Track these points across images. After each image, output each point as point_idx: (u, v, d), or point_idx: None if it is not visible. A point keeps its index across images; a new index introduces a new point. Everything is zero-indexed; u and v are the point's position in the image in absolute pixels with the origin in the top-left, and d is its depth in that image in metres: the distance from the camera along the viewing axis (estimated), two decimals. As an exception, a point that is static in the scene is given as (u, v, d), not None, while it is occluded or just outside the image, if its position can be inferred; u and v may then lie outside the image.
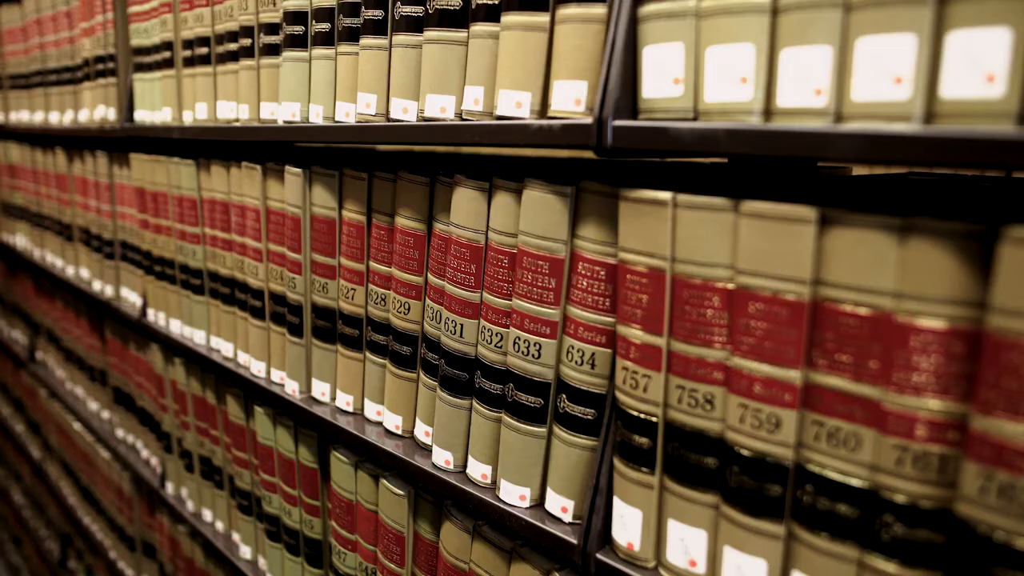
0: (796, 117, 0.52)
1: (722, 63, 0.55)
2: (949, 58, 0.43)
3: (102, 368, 1.80)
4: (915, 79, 0.45)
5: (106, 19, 1.39)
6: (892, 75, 0.46)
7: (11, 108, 2.04)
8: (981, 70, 0.42)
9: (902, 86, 0.46)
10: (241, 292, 1.12)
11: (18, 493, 2.91)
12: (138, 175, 1.35)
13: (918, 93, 0.45)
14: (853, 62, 0.48)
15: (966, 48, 0.43)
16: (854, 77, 0.48)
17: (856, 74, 0.48)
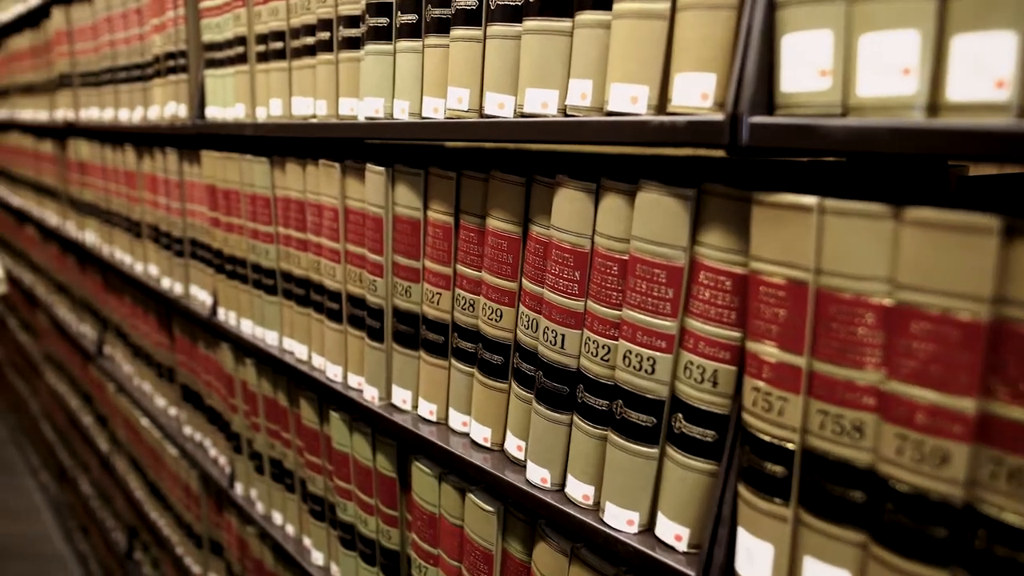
0: (970, 112, 0.46)
1: (879, 52, 0.49)
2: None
3: (170, 365, 1.81)
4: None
5: (177, 15, 1.37)
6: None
7: (81, 106, 2.06)
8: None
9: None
10: (317, 294, 1.09)
11: (86, 483, 2.97)
12: (209, 172, 1.33)
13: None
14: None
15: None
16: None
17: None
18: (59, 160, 2.42)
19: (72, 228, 2.38)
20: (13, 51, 2.87)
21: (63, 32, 2.09)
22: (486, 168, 0.80)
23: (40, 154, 2.68)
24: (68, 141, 2.24)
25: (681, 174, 0.65)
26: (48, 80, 2.39)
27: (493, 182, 0.78)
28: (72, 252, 2.49)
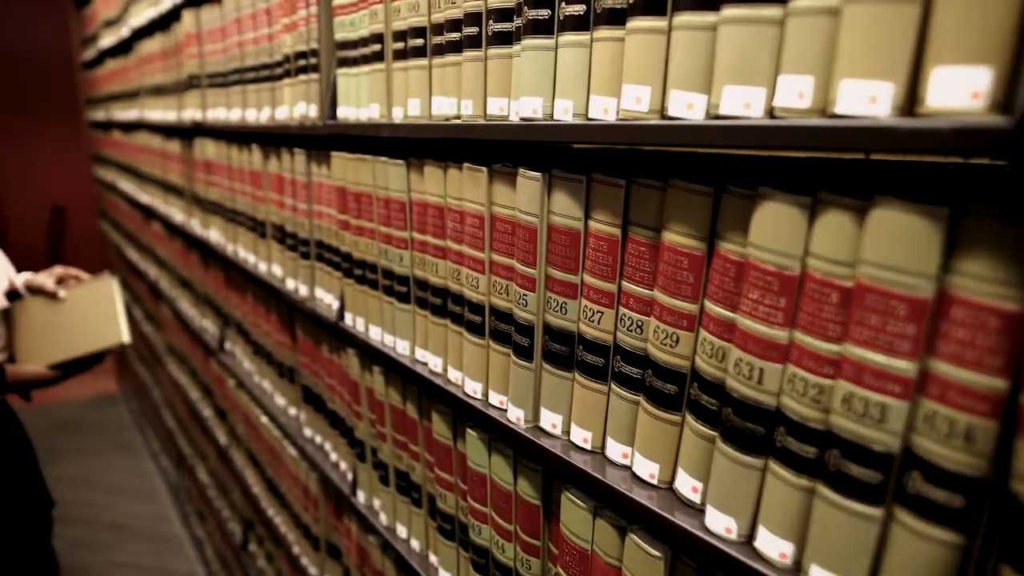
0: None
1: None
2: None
3: (291, 365, 1.80)
4: None
5: (309, 14, 1.34)
6: None
7: (209, 106, 2.09)
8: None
9: None
10: (455, 304, 1.03)
11: (203, 472, 3.06)
12: (339, 174, 1.30)
13: None
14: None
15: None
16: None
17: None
18: (185, 159, 2.48)
19: (196, 226, 2.43)
20: (144, 54, 2.97)
21: (192, 34, 2.12)
22: (662, 175, 0.72)
23: (167, 153, 2.76)
24: (195, 141, 2.28)
25: (921, 185, 0.55)
26: (177, 81, 2.45)
27: (672, 191, 0.70)
28: (196, 249, 2.55)
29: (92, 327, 1.93)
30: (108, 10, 3.86)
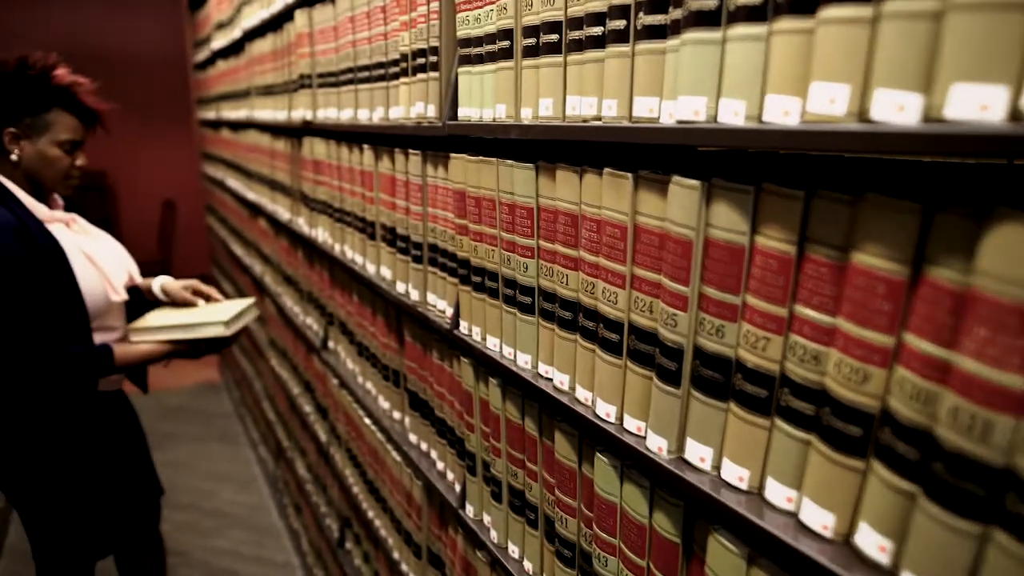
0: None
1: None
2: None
3: (397, 369, 1.77)
4: None
5: (429, 10, 1.30)
6: None
7: (319, 106, 2.09)
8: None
9: None
10: (588, 319, 0.96)
11: (302, 466, 3.10)
12: (459, 177, 1.25)
13: None
14: None
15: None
16: None
17: None
18: (293, 158, 2.50)
19: (303, 224, 2.45)
20: (254, 55, 3.02)
21: (304, 34, 2.13)
22: (852, 186, 0.63)
23: (275, 152, 2.80)
24: (304, 140, 2.29)
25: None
26: (287, 81, 2.47)
27: (868, 207, 0.60)
28: (301, 246, 2.57)
29: (206, 318, 1.98)
30: (220, 13, 3.97)
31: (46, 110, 1.86)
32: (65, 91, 1.87)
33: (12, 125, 1.85)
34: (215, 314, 2.01)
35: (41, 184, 1.92)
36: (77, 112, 1.90)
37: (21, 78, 1.84)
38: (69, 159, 1.91)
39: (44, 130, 1.86)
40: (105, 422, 2.10)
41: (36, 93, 1.85)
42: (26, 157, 1.87)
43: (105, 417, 2.10)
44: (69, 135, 1.89)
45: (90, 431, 2.05)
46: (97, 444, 2.07)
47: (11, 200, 1.86)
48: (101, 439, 2.08)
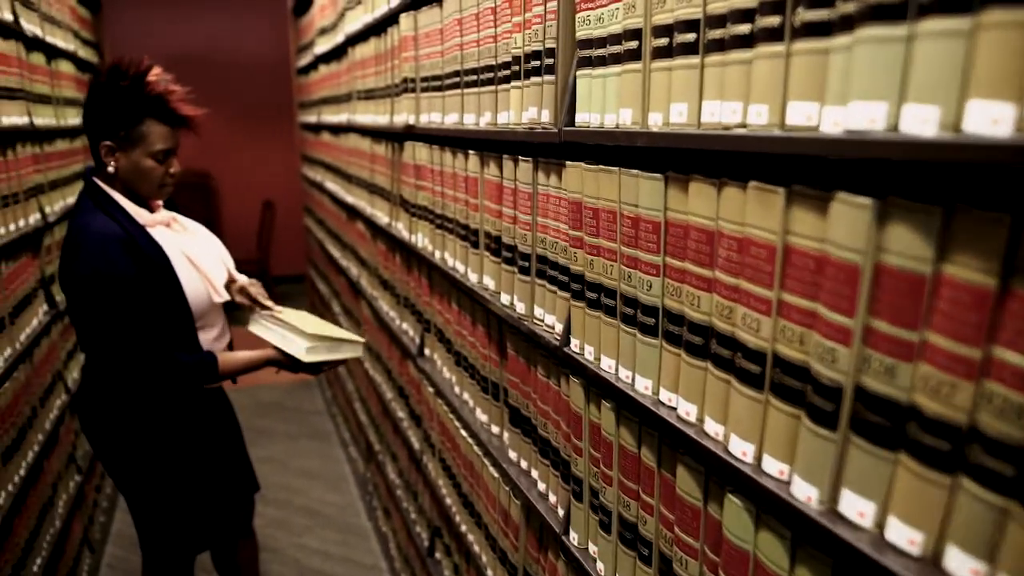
0: None
1: None
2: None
3: (497, 382, 1.72)
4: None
5: (546, 10, 1.23)
6: None
7: (422, 110, 2.06)
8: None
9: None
10: (723, 346, 0.87)
11: (393, 471, 3.10)
12: (575, 186, 1.18)
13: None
14: None
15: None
16: None
17: None
18: (394, 163, 2.49)
19: (402, 229, 2.43)
20: (356, 59, 3.04)
21: (409, 37, 2.10)
22: None
23: (375, 156, 2.80)
24: (405, 144, 2.27)
25: None
26: (389, 85, 2.47)
27: (1107, 234, 0.50)
28: (399, 251, 2.56)
29: (297, 336, 2.01)
30: (324, 18, 4.04)
31: (139, 122, 1.87)
32: (158, 100, 1.87)
33: (107, 138, 1.87)
34: (304, 338, 2.01)
35: (136, 192, 1.95)
36: (170, 121, 1.90)
37: (114, 90, 1.85)
38: (162, 168, 1.93)
39: (138, 142, 1.87)
40: (207, 418, 2.14)
41: (129, 105, 1.86)
42: (121, 169, 1.90)
43: (207, 413, 2.14)
44: (162, 145, 1.90)
45: (193, 426, 2.09)
46: (200, 439, 2.11)
47: (115, 208, 1.90)
48: (203, 434, 2.12)
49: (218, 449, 2.18)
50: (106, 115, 1.85)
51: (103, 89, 1.85)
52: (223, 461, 2.20)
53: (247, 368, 2.02)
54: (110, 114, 1.85)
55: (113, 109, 1.84)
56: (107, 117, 1.85)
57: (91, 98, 1.88)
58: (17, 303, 2.53)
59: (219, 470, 2.18)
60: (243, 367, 2.01)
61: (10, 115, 2.61)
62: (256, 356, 2.02)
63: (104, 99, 1.85)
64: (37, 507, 2.55)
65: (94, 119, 1.87)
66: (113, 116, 1.85)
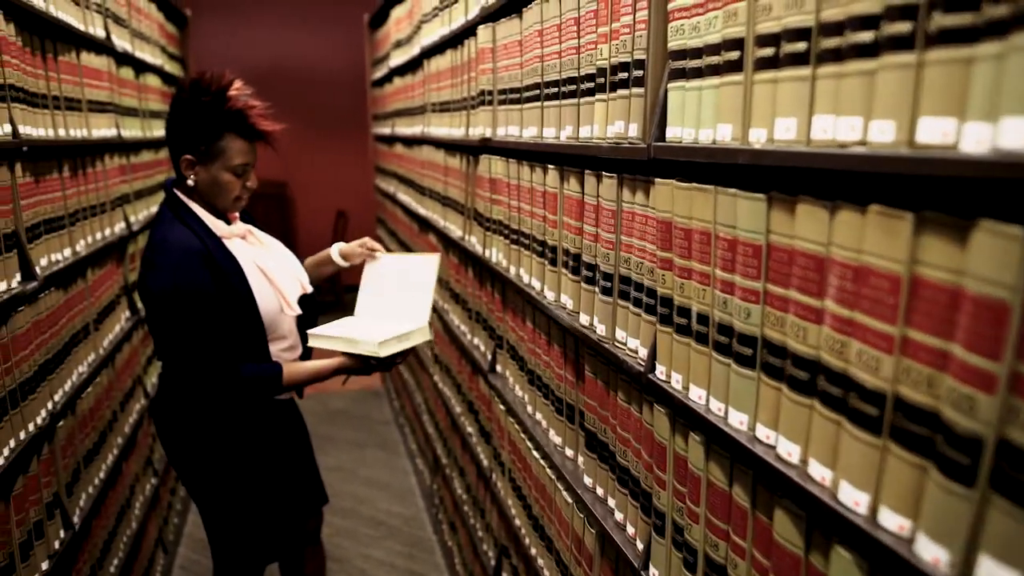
0: None
1: None
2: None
3: (573, 404, 1.66)
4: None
5: (635, 20, 1.18)
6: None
7: (499, 123, 2.02)
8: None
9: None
10: (832, 383, 0.80)
11: (460, 486, 3.06)
12: (664, 205, 1.11)
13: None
14: None
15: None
16: None
17: None
18: (468, 176, 2.46)
19: (475, 243, 2.40)
20: (431, 72, 3.04)
21: (487, 49, 2.08)
22: None
23: (449, 168, 2.79)
24: (481, 158, 2.24)
25: None
26: (464, 98, 2.45)
27: None
28: (471, 265, 2.53)
29: (366, 336, 2.00)
30: (399, 31, 4.07)
31: (219, 137, 1.89)
32: (238, 115, 1.89)
33: (188, 152, 1.90)
34: (376, 333, 2.01)
35: (213, 204, 1.97)
36: (249, 136, 1.92)
37: (195, 105, 1.88)
38: (240, 182, 1.95)
39: (217, 156, 1.90)
40: (278, 429, 2.15)
41: (210, 120, 1.88)
42: (200, 182, 1.93)
43: (278, 424, 2.15)
44: (241, 159, 1.92)
45: (265, 437, 2.10)
46: (271, 450, 2.11)
47: (193, 220, 1.92)
48: (274, 445, 2.13)
49: (288, 460, 2.19)
50: (187, 130, 1.88)
51: (185, 104, 1.88)
52: (293, 472, 2.21)
53: (314, 378, 2.01)
54: (191, 129, 1.88)
55: (194, 124, 1.87)
56: (188, 132, 1.88)
57: (173, 112, 1.91)
58: (101, 309, 2.60)
59: (289, 481, 2.18)
60: (310, 377, 2.01)
61: (99, 128, 2.70)
62: (324, 366, 2.01)
63: (186, 114, 1.88)
64: (115, 509, 2.61)
65: (176, 133, 1.90)
66: (194, 131, 1.87)
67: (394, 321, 2.12)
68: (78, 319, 2.31)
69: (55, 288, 2.10)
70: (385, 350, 1.97)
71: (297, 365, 2.01)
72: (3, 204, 1.77)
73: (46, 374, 1.98)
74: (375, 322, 2.12)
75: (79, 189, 2.41)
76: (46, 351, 1.98)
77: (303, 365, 2.02)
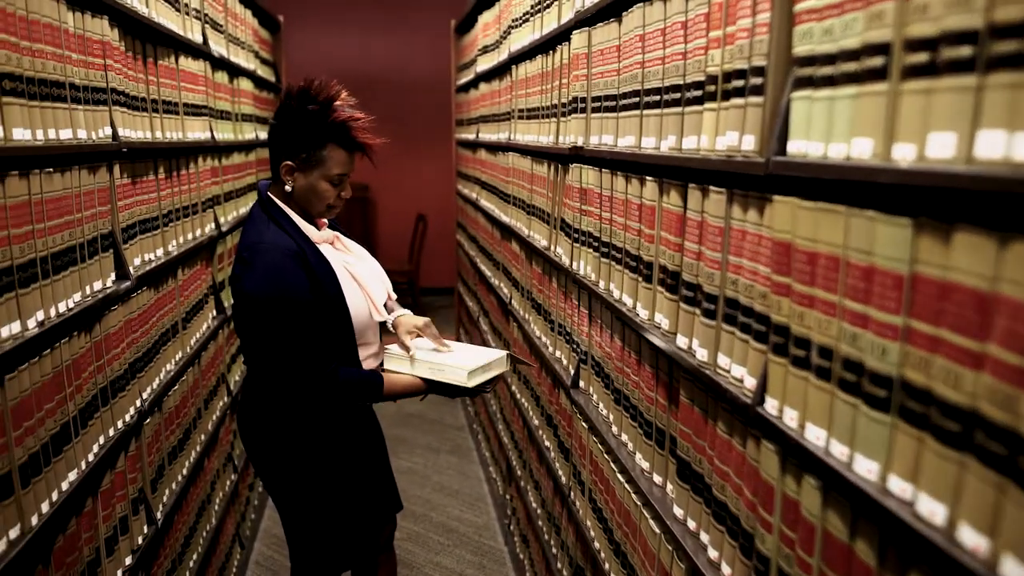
0: None
1: None
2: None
3: (664, 428, 1.57)
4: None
5: (755, 23, 1.09)
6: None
7: (592, 131, 1.95)
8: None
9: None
10: (996, 440, 0.69)
11: (535, 500, 2.99)
12: (784, 225, 1.02)
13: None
14: None
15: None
16: None
17: None
18: (556, 184, 2.40)
19: (561, 253, 2.33)
20: (519, 77, 2.99)
21: (581, 55, 2.01)
22: None
23: (535, 176, 2.73)
24: (570, 166, 2.17)
25: None
26: (554, 105, 2.38)
27: None
28: (556, 276, 2.46)
29: (454, 362, 2.01)
30: (487, 37, 4.04)
31: (322, 146, 1.91)
32: (342, 127, 1.91)
33: (290, 159, 1.92)
34: (464, 361, 2.01)
35: (305, 210, 1.99)
36: (350, 147, 1.94)
37: (302, 113, 1.90)
38: (336, 191, 1.97)
39: (317, 165, 1.92)
40: (359, 435, 2.15)
41: (315, 129, 1.90)
42: (297, 188, 1.95)
43: (359, 430, 2.15)
44: (340, 170, 1.94)
45: (346, 443, 2.10)
46: (351, 456, 2.11)
47: (288, 223, 1.95)
48: (355, 451, 2.13)
49: (368, 465, 2.17)
50: (291, 137, 1.91)
51: (292, 112, 1.92)
52: (372, 477, 2.19)
53: (407, 393, 2.05)
54: (295, 136, 1.91)
55: (299, 132, 1.91)
56: (292, 139, 1.91)
57: (279, 118, 1.95)
58: (190, 308, 2.65)
59: (368, 486, 2.17)
60: (403, 392, 2.04)
61: (194, 130, 2.75)
62: (417, 384, 2.06)
63: (291, 121, 1.92)
64: (196, 504, 2.64)
65: (280, 139, 1.94)
66: (298, 138, 1.91)
67: (471, 352, 2.13)
68: (167, 318, 2.35)
69: (147, 287, 2.14)
70: (473, 380, 1.98)
71: (394, 378, 2.03)
72: (101, 205, 1.80)
73: (136, 372, 2.01)
74: (452, 354, 2.10)
75: (173, 190, 2.45)
76: (136, 349, 2.01)
77: (400, 379, 2.05)
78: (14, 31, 1.39)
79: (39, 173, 1.45)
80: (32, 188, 1.42)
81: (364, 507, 2.15)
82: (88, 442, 1.67)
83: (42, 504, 1.44)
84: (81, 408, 1.63)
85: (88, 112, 1.74)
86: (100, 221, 1.79)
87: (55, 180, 1.53)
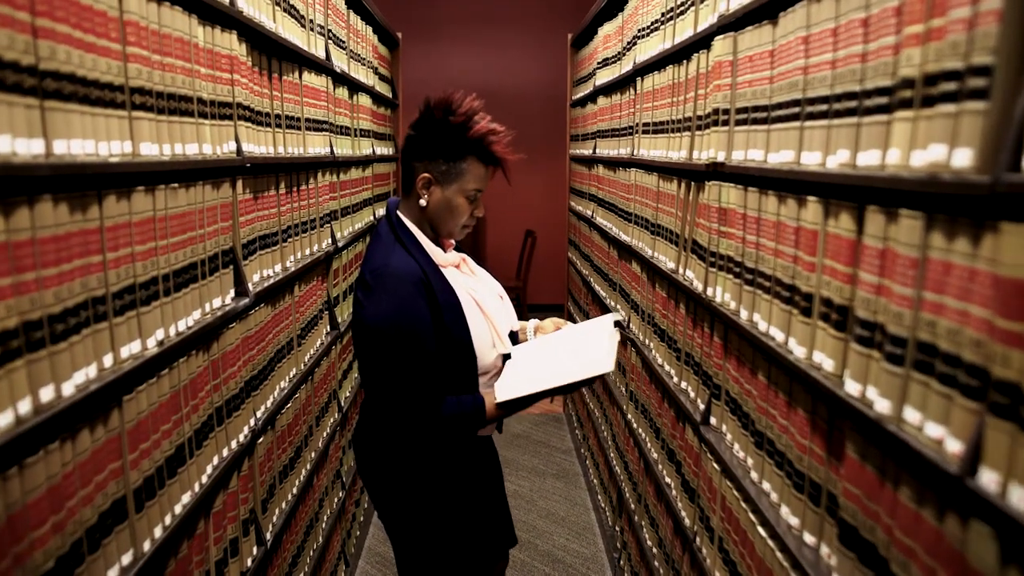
0: None
1: None
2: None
3: (820, 483, 1.37)
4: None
5: (975, 12, 0.90)
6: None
7: (735, 145, 1.78)
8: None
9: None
10: None
11: (650, 538, 2.81)
12: (1014, 258, 0.83)
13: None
14: None
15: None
16: None
17: None
18: (686, 203, 2.23)
19: (692, 277, 2.16)
20: (645, 90, 2.84)
21: (725, 63, 1.84)
22: None
23: (661, 194, 2.57)
24: (706, 184, 2.00)
25: None
26: (687, 117, 2.22)
27: None
28: (684, 301, 2.29)
29: (587, 357, 1.87)
30: (607, 49, 3.91)
31: (462, 158, 1.85)
32: (484, 139, 1.85)
33: (428, 171, 1.86)
34: (590, 351, 1.86)
35: (437, 229, 1.92)
36: (489, 161, 1.88)
37: (444, 124, 1.85)
38: (470, 208, 1.91)
39: (456, 178, 1.86)
40: (478, 466, 2.04)
41: (456, 140, 1.85)
42: (433, 202, 1.89)
43: (478, 461, 2.04)
44: (476, 184, 1.89)
45: (465, 475, 2.00)
46: (470, 488, 2.02)
47: (414, 245, 1.88)
48: (474, 483, 2.03)
49: (486, 500, 2.07)
50: (432, 147, 1.87)
51: (433, 122, 1.87)
52: (488, 513, 2.08)
53: (518, 409, 1.90)
54: (436, 147, 1.86)
55: (439, 142, 1.86)
56: (432, 149, 1.87)
57: (419, 129, 1.90)
58: (305, 325, 2.63)
59: (485, 522, 2.06)
60: (510, 409, 1.89)
61: (314, 145, 2.74)
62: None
63: (433, 132, 1.87)
64: (304, 523, 2.61)
65: (419, 149, 1.89)
66: (438, 149, 1.86)
67: (575, 337, 1.98)
68: (283, 334, 2.33)
69: (264, 304, 2.11)
70: (611, 363, 1.86)
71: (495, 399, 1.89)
72: (223, 220, 1.77)
73: (251, 391, 1.97)
74: (566, 353, 1.95)
75: (292, 205, 2.43)
76: (252, 367, 1.98)
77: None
78: (146, 45, 1.36)
79: (164, 189, 1.42)
80: (157, 204, 1.39)
81: (479, 542, 2.04)
82: (203, 463, 1.63)
83: (155, 528, 1.39)
84: (196, 428, 1.59)
85: (214, 127, 1.71)
86: (221, 237, 1.76)
87: (179, 196, 1.49)
